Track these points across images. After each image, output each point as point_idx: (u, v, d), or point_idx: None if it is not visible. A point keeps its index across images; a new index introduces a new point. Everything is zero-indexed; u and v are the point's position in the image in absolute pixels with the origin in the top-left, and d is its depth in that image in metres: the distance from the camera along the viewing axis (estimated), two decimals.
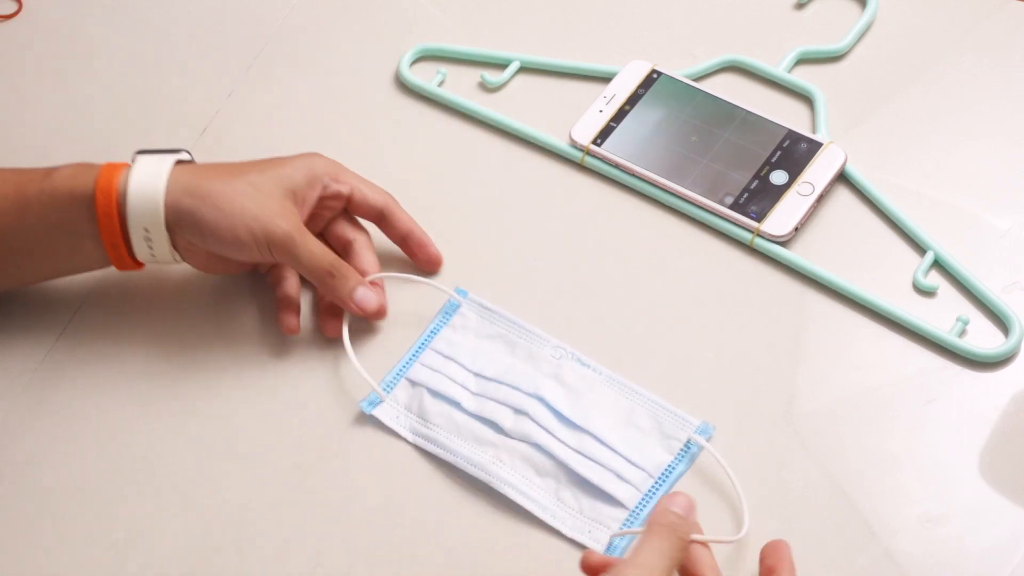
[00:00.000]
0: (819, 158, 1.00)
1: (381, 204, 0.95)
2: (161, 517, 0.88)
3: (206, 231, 0.88)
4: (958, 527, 0.85)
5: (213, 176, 0.90)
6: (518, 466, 0.87)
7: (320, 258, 0.90)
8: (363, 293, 0.91)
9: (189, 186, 0.89)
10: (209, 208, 0.88)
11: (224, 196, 0.89)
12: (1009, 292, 0.94)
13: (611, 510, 0.86)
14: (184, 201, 0.88)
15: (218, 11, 1.13)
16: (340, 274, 0.91)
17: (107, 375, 0.93)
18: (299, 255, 0.90)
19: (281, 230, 0.89)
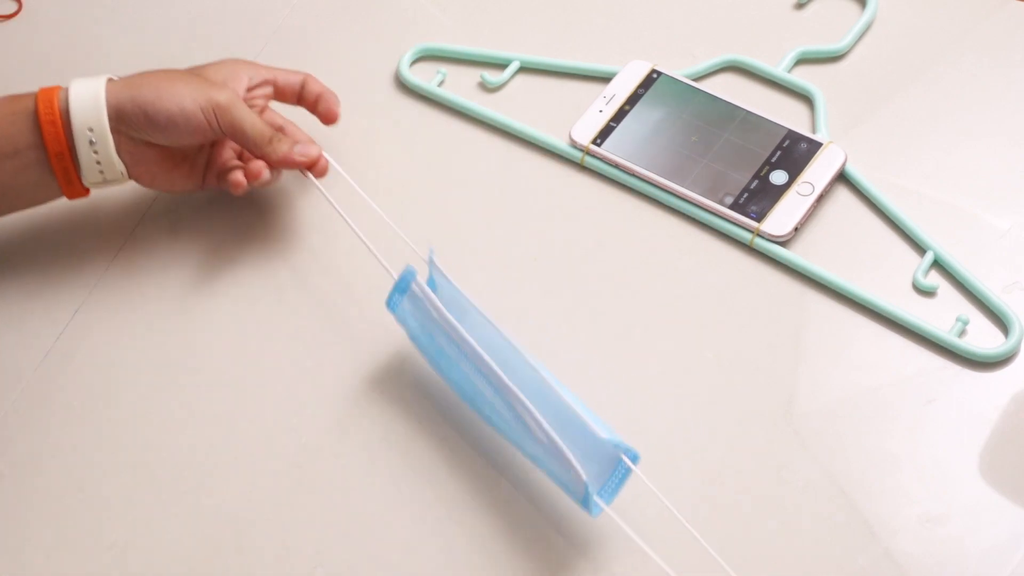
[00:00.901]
0: (819, 158, 1.00)
1: (302, 78, 1.00)
2: (161, 517, 0.88)
3: (150, 111, 0.92)
4: (958, 527, 0.85)
5: (147, 73, 0.94)
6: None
7: (262, 123, 0.95)
8: (303, 146, 0.96)
9: (127, 83, 0.93)
10: (149, 91, 0.92)
11: (162, 81, 0.93)
12: (1009, 292, 0.94)
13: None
14: (124, 93, 0.92)
15: (218, 11, 1.13)
16: (280, 137, 0.95)
17: (107, 375, 0.93)
18: (243, 117, 0.94)
19: (224, 95, 0.93)
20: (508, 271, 0.98)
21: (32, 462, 0.90)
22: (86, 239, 0.99)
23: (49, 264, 0.98)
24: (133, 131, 0.93)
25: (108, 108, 0.92)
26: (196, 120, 0.92)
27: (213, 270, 0.98)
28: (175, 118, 0.92)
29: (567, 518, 0.87)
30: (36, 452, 0.91)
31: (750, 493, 0.87)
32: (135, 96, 0.92)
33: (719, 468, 0.88)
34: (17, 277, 0.98)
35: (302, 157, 0.95)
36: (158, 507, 0.88)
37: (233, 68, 0.97)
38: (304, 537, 0.87)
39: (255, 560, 0.86)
